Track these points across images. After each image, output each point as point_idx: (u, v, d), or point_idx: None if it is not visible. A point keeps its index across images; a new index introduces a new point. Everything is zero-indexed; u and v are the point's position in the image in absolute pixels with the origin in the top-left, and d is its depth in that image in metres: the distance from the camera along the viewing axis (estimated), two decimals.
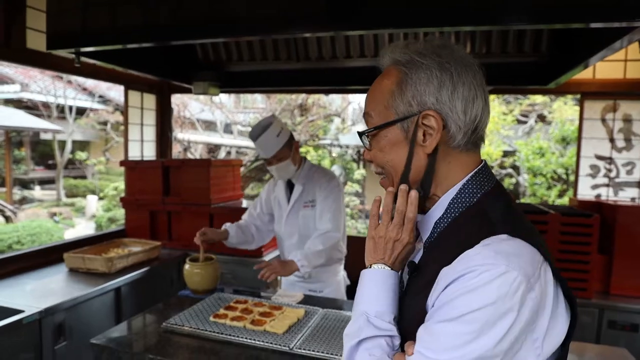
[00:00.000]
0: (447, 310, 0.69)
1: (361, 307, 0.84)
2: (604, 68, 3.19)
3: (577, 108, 7.45)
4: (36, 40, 2.66)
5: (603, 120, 3.29)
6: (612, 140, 3.28)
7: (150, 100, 4.00)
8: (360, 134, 0.87)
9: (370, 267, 0.87)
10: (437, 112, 0.78)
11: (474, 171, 0.81)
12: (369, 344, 0.80)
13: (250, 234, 2.56)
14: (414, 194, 0.83)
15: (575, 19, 1.43)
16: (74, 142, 13.21)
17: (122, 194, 3.73)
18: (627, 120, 3.25)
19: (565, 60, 2.44)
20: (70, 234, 8.70)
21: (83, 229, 9.91)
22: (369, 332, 0.81)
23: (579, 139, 3.36)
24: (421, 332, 0.72)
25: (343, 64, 2.59)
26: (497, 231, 0.72)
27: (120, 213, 9.12)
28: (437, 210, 0.83)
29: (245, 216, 2.64)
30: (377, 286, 0.84)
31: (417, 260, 0.86)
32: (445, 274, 0.71)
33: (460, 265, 0.69)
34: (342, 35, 2.40)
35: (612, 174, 3.30)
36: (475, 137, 0.81)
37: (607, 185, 3.31)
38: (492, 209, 0.77)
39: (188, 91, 4.11)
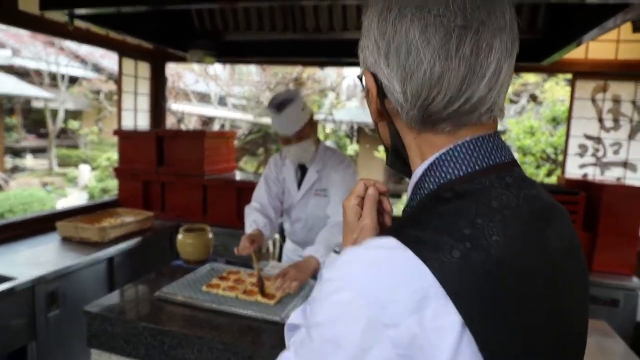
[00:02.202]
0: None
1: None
2: (597, 48, 3.20)
3: (568, 89, 7.48)
4: (28, 2, 2.60)
5: (593, 101, 3.32)
6: (601, 120, 3.32)
7: (144, 68, 3.96)
8: (359, 77, 0.69)
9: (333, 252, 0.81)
10: (372, 74, 0.60)
11: (447, 147, 0.58)
12: (297, 332, 0.69)
13: (274, 219, 2.31)
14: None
15: None
16: (66, 111, 13.05)
17: (115, 165, 3.73)
18: (617, 100, 3.28)
19: (559, 38, 2.44)
20: (62, 204, 8.70)
21: (75, 199, 9.90)
22: (297, 318, 0.71)
23: (569, 118, 3.39)
24: (302, 329, 0.61)
25: (340, 36, 2.56)
26: (392, 232, 0.53)
27: (113, 184, 9.10)
28: (409, 192, 0.66)
29: (261, 199, 2.33)
30: None
31: None
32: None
33: (329, 264, 0.57)
34: (340, 5, 2.36)
35: (600, 154, 3.35)
36: (440, 116, 0.57)
37: (595, 165, 3.36)
38: (437, 202, 0.55)
39: (183, 60, 4.07)
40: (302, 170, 2.29)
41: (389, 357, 0.48)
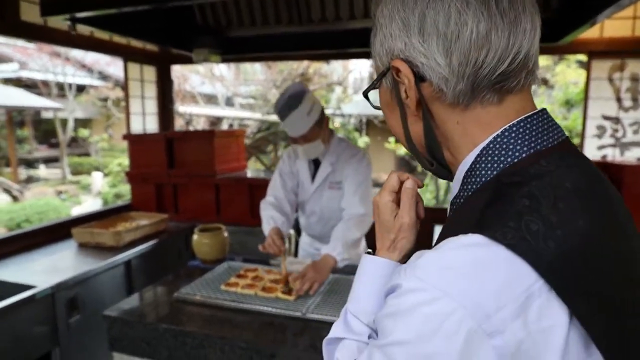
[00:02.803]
0: (378, 330, 0.52)
1: (348, 299, 0.72)
2: (612, 26, 3.11)
3: (581, 71, 7.37)
4: (30, 12, 2.60)
5: (610, 80, 3.23)
6: (619, 99, 3.23)
7: (150, 72, 3.95)
8: (364, 94, 0.69)
9: (367, 254, 0.74)
10: (404, 61, 0.56)
11: (499, 129, 0.55)
12: (341, 345, 0.68)
13: (290, 214, 2.29)
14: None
15: None
16: (75, 119, 13.17)
17: (127, 170, 3.74)
18: (635, 79, 3.18)
19: (574, 17, 2.37)
20: (77, 211, 8.78)
21: (90, 205, 9.98)
22: (339, 331, 0.69)
23: (585, 99, 3.31)
24: (366, 350, 0.56)
25: (347, 26, 2.51)
26: (476, 228, 0.48)
27: (126, 188, 9.16)
28: (455, 185, 0.61)
29: (276, 193, 2.30)
30: (365, 278, 0.71)
31: None
32: (392, 276, 0.54)
33: (398, 274, 0.51)
34: None
35: (619, 134, 3.26)
36: (489, 81, 0.53)
37: (614, 146, 3.28)
38: (513, 188, 0.50)
39: (188, 61, 4.05)
40: (315, 163, 2.25)
41: None
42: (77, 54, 12.30)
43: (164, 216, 3.14)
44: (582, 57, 6.25)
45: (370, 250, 0.75)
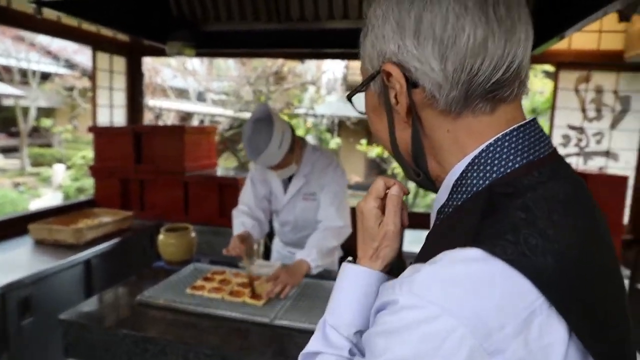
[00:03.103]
0: (366, 349, 0.50)
1: (326, 310, 0.68)
2: (580, 39, 3.20)
3: (547, 81, 7.60)
4: None
5: (576, 91, 3.33)
6: (584, 110, 3.33)
7: (119, 62, 3.81)
8: (348, 98, 0.66)
9: (346, 261, 0.70)
10: (396, 65, 0.54)
11: (493, 138, 0.53)
12: (318, 359, 0.64)
13: (264, 221, 2.25)
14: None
15: None
16: (38, 108, 12.65)
17: (91, 163, 3.60)
18: (599, 91, 3.29)
19: (545, 31, 2.42)
20: (35, 205, 8.42)
21: (49, 199, 9.60)
22: (316, 345, 0.65)
23: (552, 108, 3.40)
24: None
25: (325, 26, 2.48)
26: (472, 242, 0.46)
27: (89, 183, 8.85)
28: (442, 193, 0.59)
29: (248, 202, 2.25)
30: (346, 288, 0.67)
31: None
32: (381, 291, 0.51)
33: (392, 289, 0.48)
34: None
35: (583, 144, 3.36)
36: (483, 90, 0.52)
37: (578, 155, 3.38)
38: (508, 201, 0.49)
39: (160, 54, 3.93)
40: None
41: None
42: (42, 39, 11.81)
43: (128, 213, 3.03)
44: (548, 67, 6.44)
45: (350, 258, 0.71)
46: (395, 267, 0.68)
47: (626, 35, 3.10)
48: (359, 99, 0.65)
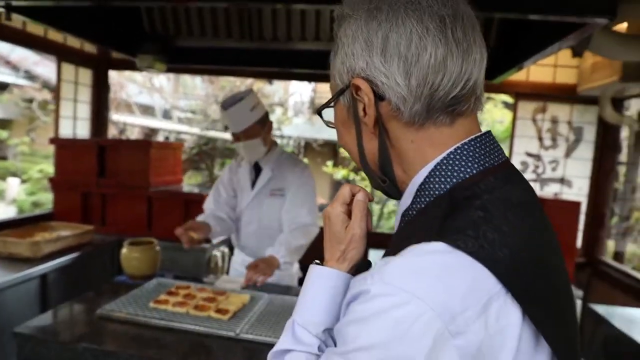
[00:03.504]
0: (339, 338, 0.53)
1: (294, 311, 0.71)
2: (537, 71, 3.41)
3: (506, 111, 7.96)
4: None
5: (534, 120, 3.51)
6: (540, 138, 3.51)
7: (85, 75, 3.75)
8: (318, 112, 0.70)
9: (313, 263, 0.73)
10: (365, 80, 0.58)
11: (454, 147, 0.58)
12: (288, 357, 0.67)
13: (226, 219, 2.29)
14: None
15: (512, 9, 1.51)
16: None
17: (48, 177, 3.48)
18: (554, 121, 3.49)
19: (505, 60, 2.57)
20: None
21: (1, 213, 9.15)
22: (286, 343, 0.68)
23: (512, 136, 3.57)
24: (323, 356, 0.57)
25: (297, 46, 2.55)
26: (438, 237, 0.50)
27: (45, 197, 8.52)
28: (406, 198, 0.64)
29: (209, 204, 2.33)
30: (314, 289, 0.70)
31: None
32: (352, 285, 0.54)
33: (363, 280, 0.52)
34: (299, 13, 2.34)
35: (540, 170, 3.54)
36: (443, 104, 0.57)
37: (535, 181, 3.54)
38: (468, 202, 0.54)
39: (127, 67, 3.91)
40: (256, 170, 2.26)
41: None
42: (1, 49, 11.43)
43: (89, 227, 2.94)
44: (508, 99, 6.77)
45: (317, 260, 0.74)
46: (361, 268, 0.70)
47: (579, 70, 3.33)
48: (328, 114, 0.70)
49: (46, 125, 12.36)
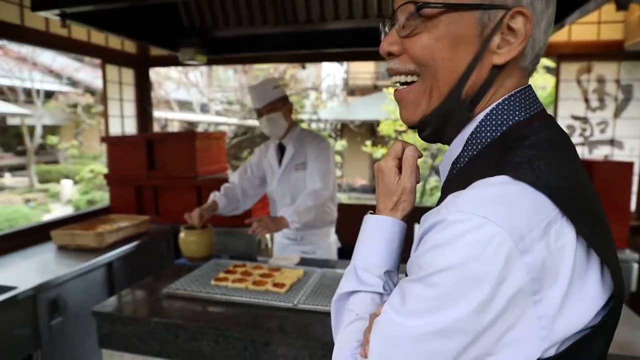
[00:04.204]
0: (415, 268, 0.57)
1: (354, 257, 0.77)
2: (579, 30, 3.27)
3: (548, 76, 7.67)
4: (6, 12, 2.55)
5: (578, 82, 3.39)
6: (586, 100, 3.39)
7: (128, 74, 3.91)
8: (420, 6, 0.61)
9: (368, 213, 0.79)
10: (531, 16, 0.59)
11: (502, 98, 0.63)
12: (352, 299, 0.73)
13: (236, 199, 2.52)
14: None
15: None
16: (43, 126, 12.79)
17: (99, 176, 3.68)
18: (601, 80, 3.35)
19: None
20: (47, 219, 8.52)
21: (59, 213, 9.71)
22: (351, 285, 0.73)
23: (555, 99, 3.46)
24: (394, 289, 0.60)
25: (332, 26, 2.58)
26: (498, 171, 0.55)
27: (99, 195, 8.97)
28: (457, 146, 0.67)
29: (234, 178, 2.59)
30: (372, 236, 0.76)
31: None
32: (423, 220, 0.58)
33: (434, 213, 0.57)
34: None
35: (587, 133, 3.42)
36: (534, 63, 0.65)
37: (583, 144, 3.43)
38: (515, 143, 0.59)
39: (166, 64, 4.04)
40: (281, 149, 2.48)
41: (523, 283, 0.51)
42: (44, 59, 12.00)
43: (145, 218, 3.10)
44: (549, 63, 6.51)
45: (371, 211, 0.79)
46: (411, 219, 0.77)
47: (625, 24, 3.17)
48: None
49: (91, 128, 12.94)
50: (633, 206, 3.33)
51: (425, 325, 0.53)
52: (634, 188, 3.29)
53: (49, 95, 12.54)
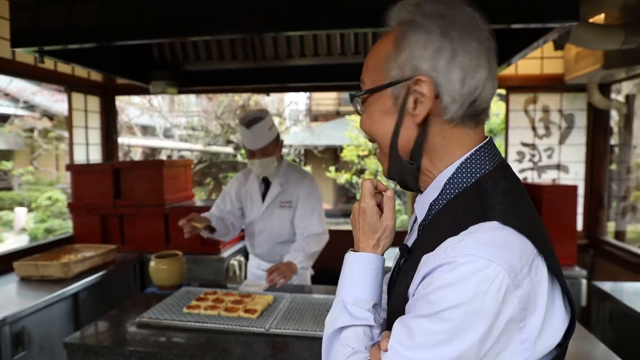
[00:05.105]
0: (423, 305, 0.63)
1: (340, 293, 0.81)
2: (525, 65, 3.56)
3: (501, 103, 8.12)
4: None
5: (526, 111, 3.66)
6: (534, 128, 3.66)
7: (94, 102, 3.91)
8: (352, 97, 0.81)
9: (350, 251, 0.85)
10: (430, 78, 0.70)
11: (474, 149, 0.74)
12: (345, 334, 0.77)
13: (228, 224, 2.47)
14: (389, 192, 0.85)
15: (497, 21, 1.65)
16: None
17: (59, 203, 3.62)
18: (546, 110, 3.64)
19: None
20: (5, 249, 8.13)
21: (13, 243, 9.29)
22: (344, 320, 0.78)
23: (506, 128, 3.71)
24: (397, 325, 0.67)
25: (298, 62, 2.72)
26: (488, 217, 0.65)
27: (57, 223, 8.66)
28: (433, 190, 0.76)
29: (214, 211, 2.52)
30: (358, 272, 0.82)
31: (410, 244, 0.82)
32: (425, 261, 0.66)
33: (440, 255, 0.64)
34: (297, 36, 2.52)
35: (536, 159, 3.68)
36: (475, 111, 0.73)
37: (532, 169, 3.68)
38: (492, 191, 0.69)
39: (133, 92, 4.07)
40: (265, 184, 2.44)
41: (514, 313, 0.61)
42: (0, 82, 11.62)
43: (112, 247, 3.08)
44: (502, 91, 6.93)
45: (352, 249, 0.86)
46: (402, 250, 0.84)
47: (564, 60, 3.48)
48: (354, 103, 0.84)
49: (48, 153, 12.54)
50: (580, 226, 3.58)
51: (435, 357, 0.61)
52: (580, 209, 3.55)
53: (4, 119, 12.10)
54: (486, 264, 0.60)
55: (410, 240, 0.83)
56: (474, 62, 0.70)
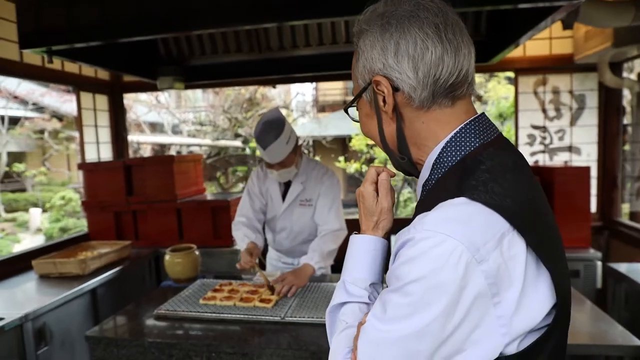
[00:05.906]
0: (393, 280, 0.66)
1: (342, 274, 0.88)
2: (533, 46, 3.51)
3: (510, 87, 8.02)
4: None
5: (535, 93, 3.62)
6: (544, 110, 3.62)
7: (102, 100, 3.94)
8: (345, 110, 0.88)
9: (353, 234, 0.91)
10: (383, 76, 0.74)
11: (460, 126, 0.75)
12: (344, 310, 0.83)
13: (261, 231, 2.42)
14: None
15: (504, 1, 1.63)
16: (8, 153, 12.46)
17: (71, 203, 3.67)
18: (556, 92, 3.59)
19: (500, 40, 2.68)
20: (18, 250, 8.28)
21: (30, 243, 9.45)
22: (341, 297, 0.84)
23: (515, 111, 3.68)
24: (376, 300, 0.71)
25: (302, 52, 2.71)
26: (458, 194, 0.66)
27: (72, 222, 8.79)
28: (425, 172, 0.79)
29: (246, 214, 2.42)
30: (357, 253, 0.87)
31: None
32: (397, 238, 0.69)
33: (407, 232, 0.67)
34: (302, 25, 2.51)
35: (547, 141, 3.64)
36: (443, 89, 0.73)
37: (543, 152, 3.65)
38: (471, 167, 0.70)
39: (140, 89, 4.10)
40: (285, 182, 2.38)
41: (481, 288, 0.61)
42: (8, 84, 11.75)
43: (127, 242, 3.12)
44: (510, 74, 6.84)
45: (356, 232, 0.91)
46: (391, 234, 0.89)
47: (573, 40, 3.42)
48: (352, 111, 0.88)
49: (59, 153, 12.70)
50: (593, 208, 3.55)
51: (401, 329, 0.63)
52: (593, 191, 3.52)
53: (14, 121, 12.25)
54: (442, 239, 0.61)
55: None
56: (419, 46, 0.71)
